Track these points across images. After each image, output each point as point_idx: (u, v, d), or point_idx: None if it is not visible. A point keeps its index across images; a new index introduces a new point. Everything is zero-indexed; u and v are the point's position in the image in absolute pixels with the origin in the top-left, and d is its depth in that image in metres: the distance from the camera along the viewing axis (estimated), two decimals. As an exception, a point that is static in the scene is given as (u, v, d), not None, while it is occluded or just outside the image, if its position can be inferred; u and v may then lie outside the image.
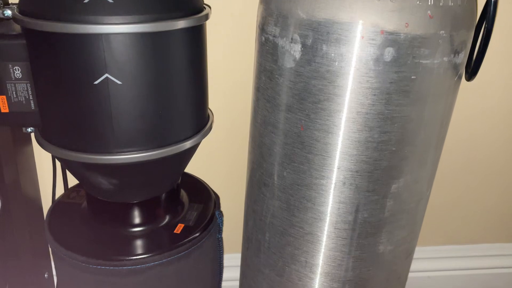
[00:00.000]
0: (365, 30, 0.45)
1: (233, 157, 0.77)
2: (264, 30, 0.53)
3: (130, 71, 0.47)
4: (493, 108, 0.79)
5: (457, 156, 0.83)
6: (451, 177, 0.85)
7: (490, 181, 0.87)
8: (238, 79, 0.71)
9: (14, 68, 0.50)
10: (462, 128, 0.79)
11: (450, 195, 0.87)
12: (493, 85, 0.77)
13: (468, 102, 0.77)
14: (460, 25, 0.47)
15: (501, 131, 0.81)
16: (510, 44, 0.74)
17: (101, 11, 0.44)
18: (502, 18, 0.71)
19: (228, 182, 0.79)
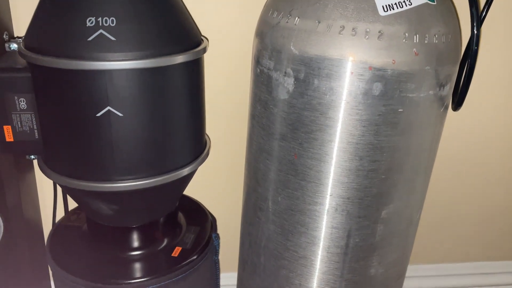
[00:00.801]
0: (354, 66, 0.47)
1: (230, 179, 0.79)
2: (259, 63, 0.55)
3: (131, 103, 0.49)
4: (486, 125, 0.81)
5: (450, 172, 0.85)
6: (444, 194, 0.87)
7: (483, 198, 0.89)
8: (234, 105, 0.74)
9: (20, 100, 0.52)
10: (455, 144, 0.82)
11: (442, 213, 0.89)
12: (487, 103, 0.79)
13: (460, 119, 0.79)
14: (444, 60, 0.49)
15: (495, 148, 0.84)
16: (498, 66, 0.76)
17: (104, 48, 0.46)
18: (489, 46, 0.74)
19: (225, 204, 0.81)
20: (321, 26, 0.48)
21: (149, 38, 0.48)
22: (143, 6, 0.48)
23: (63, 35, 0.47)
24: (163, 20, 0.50)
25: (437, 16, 0.48)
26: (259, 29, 0.56)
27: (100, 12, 0.46)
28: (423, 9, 0.47)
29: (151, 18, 0.49)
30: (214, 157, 0.74)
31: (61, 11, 0.47)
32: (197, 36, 0.57)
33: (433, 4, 0.48)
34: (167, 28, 0.50)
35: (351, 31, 0.46)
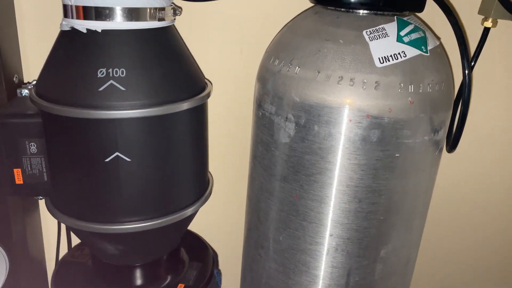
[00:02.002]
0: (352, 114, 0.49)
1: (231, 215, 0.81)
2: (261, 106, 0.58)
3: (139, 149, 0.51)
4: (481, 163, 0.84)
5: (449, 203, 0.87)
6: (444, 224, 0.89)
7: (482, 227, 0.90)
8: (236, 143, 0.76)
9: (30, 144, 0.54)
10: (451, 183, 0.84)
11: (438, 250, 0.91)
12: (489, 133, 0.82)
13: (455, 159, 0.81)
14: (438, 108, 0.52)
15: (491, 186, 0.86)
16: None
17: (114, 98, 0.48)
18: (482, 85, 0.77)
19: (227, 239, 0.82)
20: (320, 76, 0.50)
21: (157, 87, 0.51)
22: (151, 57, 0.51)
23: (75, 85, 0.49)
24: (170, 69, 0.52)
25: (430, 66, 0.51)
26: (260, 74, 0.59)
27: (111, 63, 0.49)
28: (417, 60, 0.50)
29: (158, 68, 0.51)
30: (217, 193, 0.75)
31: (74, 61, 0.50)
32: (202, 80, 0.59)
33: (426, 55, 0.51)
34: (173, 77, 0.53)
35: (349, 81, 0.49)
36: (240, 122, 0.74)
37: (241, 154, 0.74)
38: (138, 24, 0.50)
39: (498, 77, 0.76)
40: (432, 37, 0.54)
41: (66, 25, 0.51)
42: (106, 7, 0.48)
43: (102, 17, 0.49)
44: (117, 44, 0.49)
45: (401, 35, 0.50)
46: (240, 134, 0.75)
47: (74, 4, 0.49)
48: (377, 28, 0.50)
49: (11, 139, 0.53)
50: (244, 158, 0.69)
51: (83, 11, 0.49)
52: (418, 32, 0.52)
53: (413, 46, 0.50)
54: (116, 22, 0.49)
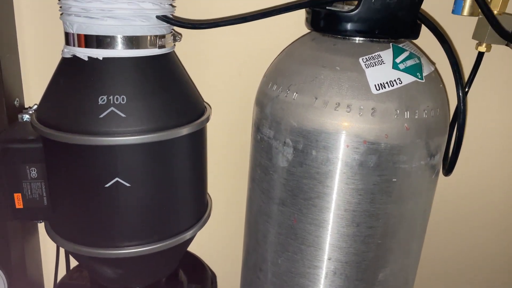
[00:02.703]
0: (349, 140, 0.50)
1: (230, 236, 0.81)
2: (260, 130, 0.58)
3: (139, 174, 0.51)
4: (478, 185, 0.84)
5: (444, 231, 0.87)
6: (438, 251, 0.89)
7: (477, 256, 0.91)
8: (235, 165, 0.76)
9: (31, 169, 0.54)
10: (448, 206, 0.84)
11: (436, 270, 0.91)
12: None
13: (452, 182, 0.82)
14: (434, 133, 0.53)
15: (488, 208, 0.86)
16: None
17: (114, 125, 0.49)
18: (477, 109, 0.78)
19: (225, 260, 0.82)
20: (318, 102, 0.51)
21: (157, 113, 0.51)
22: (151, 84, 0.52)
23: (76, 112, 0.50)
24: (170, 95, 0.53)
25: (426, 93, 0.52)
26: (259, 98, 0.59)
27: (112, 90, 0.49)
28: (413, 86, 0.51)
29: (158, 94, 0.52)
30: (215, 214, 0.76)
31: (75, 89, 0.50)
32: (201, 104, 0.60)
33: (421, 81, 0.52)
34: (173, 102, 0.54)
35: (346, 107, 0.50)
36: (239, 144, 0.75)
37: (239, 175, 0.75)
38: (139, 51, 0.51)
39: (492, 100, 0.77)
40: (427, 63, 0.55)
41: (68, 53, 0.51)
42: (108, 36, 0.49)
43: (103, 45, 0.50)
44: (118, 71, 0.50)
45: (397, 62, 0.51)
46: (238, 156, 0.75)
47: (76, 33, 0.50)
48: (373, 55, 0.51)
49: (12, 164, 0.54)
50: (242, 180, 0.69)
51: (85, 39, 0.50)
52: (413, 59, 0.53)
53: (408, 73, 0.51)
54: (117, 50, 0.50)
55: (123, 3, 0.49)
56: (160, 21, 0.52)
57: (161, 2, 0.52)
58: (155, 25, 0.52)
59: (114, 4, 0.48)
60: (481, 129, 0.79)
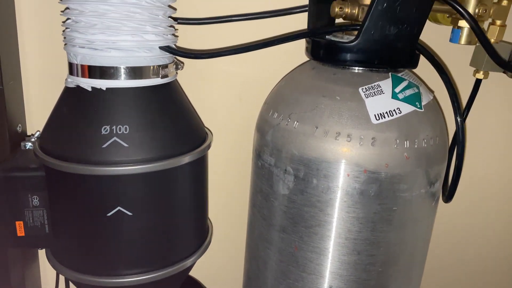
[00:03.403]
0: (350, 169, 0.51)
1: (230, 260, 0.81)
2: (261, 157, 0.59)
3: (141, 203, 0.52)
4: (478, 210, 0.85)
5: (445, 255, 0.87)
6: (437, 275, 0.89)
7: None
8: (236, 190, 0.77)
9: (33, 197, 0.54)
10: (447, 232, 0.85)
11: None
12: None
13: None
14: (434, 161, 0.53)
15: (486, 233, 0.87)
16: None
17: (117, 155, 0.49)
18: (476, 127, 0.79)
19: (226, 286, 0.82)
20: (318, 131, 0.52)
21: (159, 142, 0.52)
22: (154, 113, 0.52)
23: (79, 142, 0.50)
24: (172, 124, 0.54)
25: (425, 122, 0.53)
26: (260, 125, 0.60)
27: (115, 120, 0.50)
28: (412, 116, 0.52)
29: (161, 124, 0.53)
30: (216, 239, 0.76)
31: (78, 118, 0.51)
32: (202, 131, 0.61)
33: (420, 111, 0.52)
34: (175, 131, 0.54)
35: (346, 137, 0.50)
36: (240, 168, 0.75)
37: (240, 200, 0.75)
38: (142, 81, 0.52)
39: (491, 126, 0.78)
40: (426, 92, 0.55)
41: (71, 82, 0.52)
42: (111, 67, 0.50)
43: (106, 76, 0.50)
44: (121, 101, 0.51)
45: (396, 92, 0.52)
46: (239, 181, 0.76)
47: (79, 63, 0.51)
48: (373, 85, 0.52)
49: (15, 192, 0.54)
50: (243, 205, 0.69)
51: (89, 70, 0.51)
52: (412, 88, 0.54)
53: (407, 102, 0.52)
54: (120, 80, 0.51)
55: (126, 35, 0.49)
56: (163, 51, 0.53)
57: (164, 33, 0.53)
58: (158, 56, 0.52)
59: (118, 36, 0.49)
60: (480, 154, 0.79)
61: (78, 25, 0.49)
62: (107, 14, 0.48)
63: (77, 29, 0.50)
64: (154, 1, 0.51)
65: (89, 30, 0.49)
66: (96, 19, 0.48)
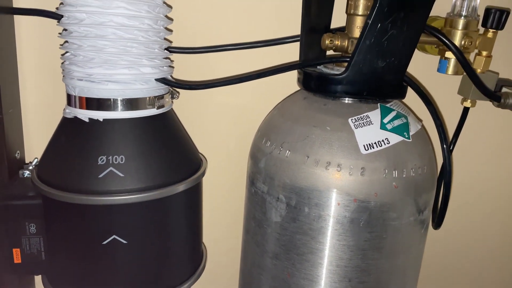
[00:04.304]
0: (340, 198, 0.52)
1: (226, 286, 0.81)
2: (254, 184, 0.60)
3: (135, 231, 0.53)
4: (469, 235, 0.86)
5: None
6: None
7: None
8: (229, 215, 0.78)
9: (30, 225, 0.55)
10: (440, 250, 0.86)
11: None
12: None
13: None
14: (422, 190, 0.54)
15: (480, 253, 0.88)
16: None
17: (113, 184, 0.51)
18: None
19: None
20: (309, 160, 0.53)
21: (154, 172, 0.53)
22: (149, 143, 0.54)
23: (76, 172, 0.51)
24: (167, 153, 0.55)
25: (413, 152, 0.54)
26: (253, 152, 0.61)
27: (111, 151, 0.51)
28: (400, 146, 0.53)
29: (156, 153, 0.54)
30: (210, 265, 0.76)
31: (75, 149, 0.52)
32: (197, 158, 0.62)
33: (408, 141, 0.54)
34: (170, 160, 0.55)
35: (336, 167, 0.52)
36: (234, 194, 0.76)
37: (235, 225, 0.76)
38: (138, 112, 0.53)
39: (478, 153, 0.80)
40: (414, 122, 0.57)
41: (69, 113, 0.54)
42: (108, 99, 0.52)
43: (103, 108, 0.52)
44: (117, 132, 0.52)
45: (384, 122, 0.54)
46: (234, 206, 0.77)
47: (77, 95, 0.52)
48: (362, 116, 0.54)
49: (12, 220, 0.55)
50: (237, 230, 0.70)
51: (86, 101, 0.52)
52: (400, 119, 0.55)
53: (396, 132, 0.54)
54: (117, 112, 0.52)
55: (123, 69, 0.51)
56: (159, 83, 0.54)
57: (160, 66, 0.54)
58: (154, 88, 0.54)
59: (115, 70, 0.51)
60: (467, 181, 0.81)
61: (77, 59, 0.51)
62: (105, 49, 0.50)
63: (76, 62, 0.51)
64: (150, 35, 0.53)
65: (87, 63, 0.51)
66: (94, 54, 0.50)
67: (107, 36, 0.50)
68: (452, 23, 0.60)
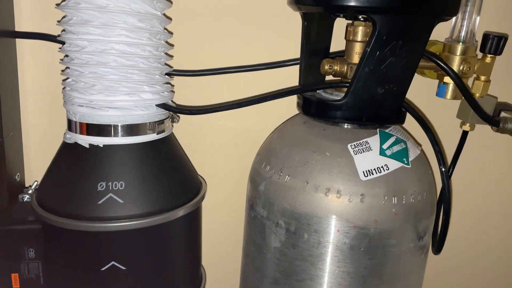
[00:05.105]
0: (340, 225, 0.52)
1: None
2: (253, 208, 0.60)
3: (134, 257, 0.53)
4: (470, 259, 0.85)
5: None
6: None
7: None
8: (229, 237, 0.77)
9: (29, 250, 0.55)
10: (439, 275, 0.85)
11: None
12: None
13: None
14: (422, 216, 0.54)
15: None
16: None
17: (112, 211, 0.51)
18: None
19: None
20: (309, 186, 0.53)
21: (154, 197, 0.53)
22: (149, 168, 0.54)
23: (76, 198, 0.51)
24: (167, 178, 0.55)
25: (412, 178, 0.54)
26: (253, 176, 0.61)
27: (111, 177, 0.51)
28: (399, 172, 0.53)
29: (156, 179, 0.54)
30: (210, 286, 0.76)
31: (75, 174, 0.52)
32: (197, 182, 0.62)
33: (408, 167, 0.54)
34: (170, 185, 0.55)
35: (336, 193, 0.52)
36: (234, 216, 0.76)
37: (234, 248, 0.75)
38: (138, 138, 0.54)
39: (478, 177, 0.80)
40: (413, 147, 0.57)
41: (70, 139, 0.54)
42: (109, 125, 0.52)
43: (104, 134, 0.52)
44: (117, 158, 0.53)
45: (384, 148, 0.54)
46: (233, 229, 0.76)
47: (78, 121, 0.53)
48: (361, 142, 0.54)
49: (12, 245, 0.55)
50: (237, 253, 0.70)
51: (87, 127, 0.52)
52: (399, 144, 0.55)
53: (395, 159, 0.54)
54: (117, 137, 0.52)
55: (124, 95, 0.51)
56: (159, 108, 0.55)
57: (161, 91, 0.55)
58: (154, 113, 0.54)
59: (116, 96, 0.51)
60: (466, 206, 0.81)
61: (78, 85, 0.52)
62: (106, 76, 0.50)
63: (77, 89, 0.52)
64: (151, 62, 0.53)
65: (88, 90, 0.51)
66: (95, 80, 0.51)
67: (109, 63, 0.50)
68: (450, 48, 0.60)
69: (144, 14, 0.50)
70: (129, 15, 0.49)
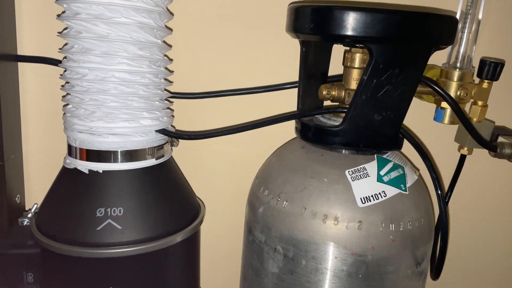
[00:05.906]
0: (337, 252, 0.52)
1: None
2: (251, 232, 0.60)
3: (132, 283, 0.53)
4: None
5: None
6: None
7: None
8: (227, 259, 0.77)
9: (28, 274, 0.55)
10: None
11: None
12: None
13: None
14: (420, 242, 0.54)
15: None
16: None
17: (111, 237, 0.51)
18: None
19: None
20: (307, 212, 0.53)
21: (153, 223, 0.53)
22: (148, 194, 0.54)
23: (74, 224, 0.52)
24: (165, 203, 0.56)
25: (410, 204, 0.54)
26: (251, 200, 0.62)
27: (110, 203, 0.52)
28: (397, 199, 0.54)
29: (154, 204, 0.54)
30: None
31: (74, 200, 0.53)
32: (195, 206, 0.62)
33: (405, 193, 0.54)
34: (168, 210, 0.56)
35: (333, 220, 0.52)
36: (232, 239, 0.76)
37: (232, 271, 0.75)
38: (137, 163, 0.54)
39: (476, 200, 0.80)
40: (410, 172, 0.57)
41: (70, 164, 0.54)
42: (108, 151, 0.52)
43: (103, 159, 0.53)
44: (116, 183, 0.53)
45: (381, 174, 0.54)
46: (232, 252, 0.76)
47: (78, 147, 0.53)
48: (358, 168, 0.54)
49: (10, 269, 0.55)
50: (235, 275, 0.70)
51: (86, 153, 0.53)
52: (397, 170, 0.56)
53: (392, 185, 0.54)
54: (116, 163, 0.53)
55: (124, 122, 0.52)
56: (159, 134, 0.55)
57: (160, 117, 0.55)
58: (154, 139, 0.55)
59: (116, 123, 0.52)
60: (464, 230, 0.81)
61: (78, 112, 0.52)
62: (106, 103, 0.51)
63: (77, 115, 0.52)
64: (151, 88, 0.54)
65: (88, 117, 0.52)
66: (95, 108, 0.51)
67: (109, 90, 0.51)
68: (447, 74, 0.61)
69: (145, 42, 0.51)
70: (130, 43, 0.50)
